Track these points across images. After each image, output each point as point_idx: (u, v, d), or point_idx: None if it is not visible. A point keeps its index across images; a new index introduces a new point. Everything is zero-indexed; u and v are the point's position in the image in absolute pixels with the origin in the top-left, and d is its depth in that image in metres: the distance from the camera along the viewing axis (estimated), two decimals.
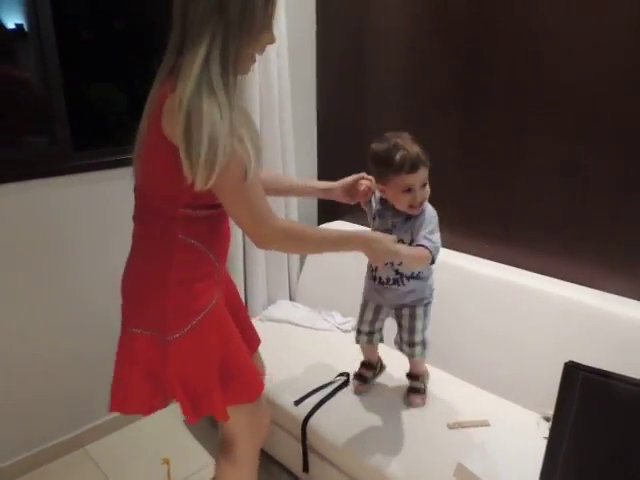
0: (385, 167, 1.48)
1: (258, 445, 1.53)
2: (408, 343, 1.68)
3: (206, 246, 1.28)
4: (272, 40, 1.21)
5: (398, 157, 1.44)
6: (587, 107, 1.74)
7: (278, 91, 2.29)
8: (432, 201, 1.60)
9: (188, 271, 1.27)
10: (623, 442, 1.21)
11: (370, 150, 1.53)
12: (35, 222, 1.91)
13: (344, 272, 2.34)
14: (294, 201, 2.50)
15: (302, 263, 2.61)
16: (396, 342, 1.74)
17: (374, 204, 1.64)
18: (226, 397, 1.32)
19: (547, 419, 1.65)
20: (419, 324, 1.65)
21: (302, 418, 1.74)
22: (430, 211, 1.56)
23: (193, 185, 1.10)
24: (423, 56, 2.15)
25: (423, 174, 1.48)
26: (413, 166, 1.44)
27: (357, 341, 1.80)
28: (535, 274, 1.93)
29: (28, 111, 2.04)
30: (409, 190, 1.48)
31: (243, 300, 2.42)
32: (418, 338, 1.66)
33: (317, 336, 2.24)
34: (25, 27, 1.95)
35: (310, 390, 1.83)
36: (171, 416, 2.30)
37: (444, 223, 1.61)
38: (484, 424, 1.67)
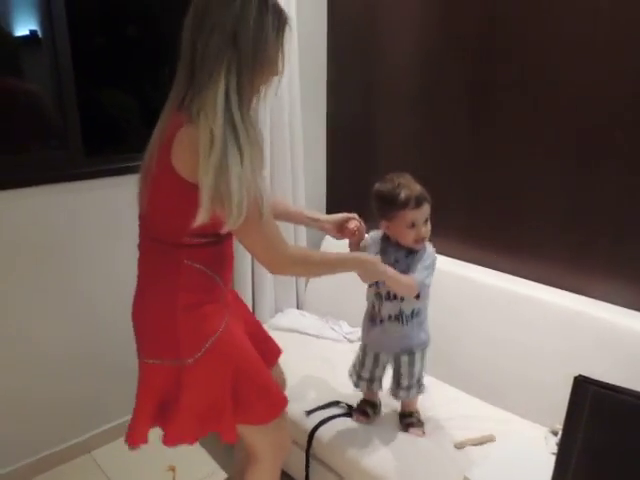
0: (390, 205, 1.54)
1: (279, 463, 1.53)
2: (406, 387, 1.69)
3: (211, 270, 1.29)
4: (277, 72, 1.21)
5: (403, 195, 1.51)
6: (594, 120, 1.74)
7: (288, 113, 2.32)
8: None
9: (195, 294, 1.28)
10: (634, 457, 1.20)
11: (374, 190, 1.59)
12: (46, 227, 1.92)
13: (351, 281, 2.32)
14: (302, 200, 2.51)
15: None
16: (391, 390, 1.74)
17: (371, 246, 1.67)
18: (243, 418, 1.33)
19: (555, 433, 1.64)
20: (417, 367, 1.67)
21: (310, 429, 1.74)
22: (430, 250, 1.60)
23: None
24: (434, 72, 2.16)
25: (426, 210, 1.54)
26: (418, 202, 1.51)
27: (356, 385, 1.80)
28: (542, 285, 1.92)
29: (41, 117, 2.06)
30: (413, 225, 1.54)
31: (251, 309, 2.44)
32: (414, 380, 1.68)
33: (324, 345, 2.24)
34: (39, 33, 1.97)
35: (323, 404, 1.82)
36: None
37: (451, 232, 1.61)
38: (490, 440, 1.66)
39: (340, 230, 1.64)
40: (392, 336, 1.66)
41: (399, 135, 2.33)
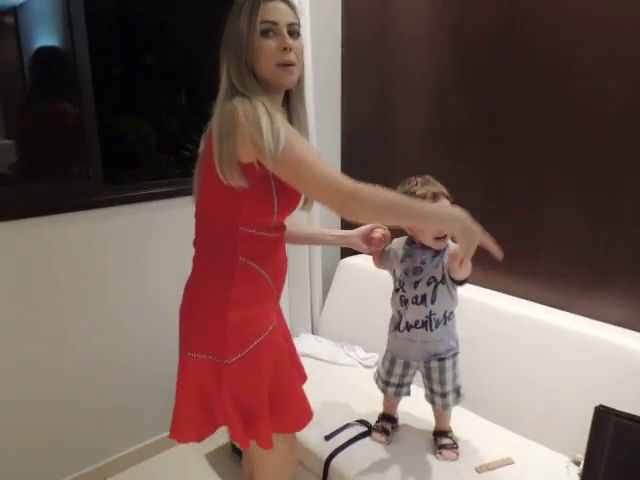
0: None
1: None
2: (440, 394, 1.67)
3: (265, 270, 1.31)
4: (282, 43, 1.22)
5: (420, 191, 1.53)
6: (613, 145, 1.75)
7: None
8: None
9: (248, 293, 1.30)
10: None
11: (396, 190, 1.57)
12: (66, 254, 1.95)
13: (367, 306, 2.34)
14: (316, 219, 2.50)
15: (325, 296, 2.61)
16: (427, 396, 1.73)
17: (395, 252, 1.67)
18: (275, 425, 1.33)
19: (577, 463, 1.61)
20: (449, 375, 1.65)
21: (325, 457, 1.72)
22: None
23: (255, 195, 1.19)
24: (448, 93, 2.18)
25: (444, 205, 1.52)
26: (435, 197, 1.51)
27: (384, 392, 1.79)
28: (563, 312, 1.90)
29: (62, 145, 2.11)
30: None
31: None
32: (449, 387, 1.66)
33: (339, 371, 2.23)
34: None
35: (341, 426, 1.82)
36: (191, 451, 2.31)
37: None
38: (508, 462, 1.64)
39: (367, 241, 1.63)
40: (419, 344, 1.64)
41: (414, 153, 2.35)
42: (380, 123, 2.47)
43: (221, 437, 2.11)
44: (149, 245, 2.15)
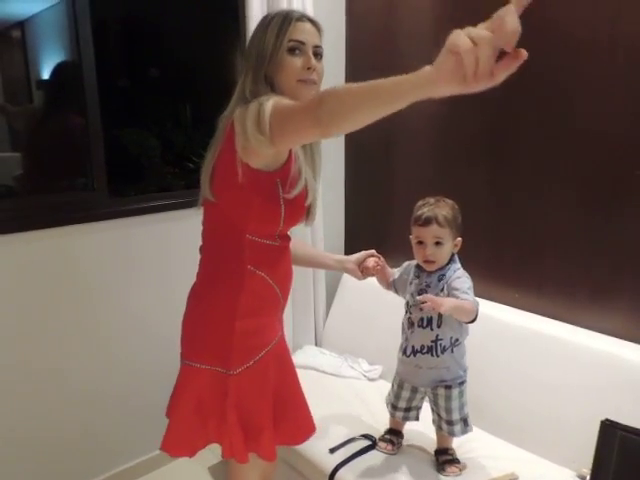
0: (412, 219, 1.61)
1: None
2: (446, 422, 1.67)
3: (272, 279, 1.31)
4: (306, 63, 1.25)
5: (419, 211, 1.58)
6: (617, 160, 1.75)
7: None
8: (463, 250, 1.62)
9: (256, 303, 1.30)
10: None
11: None
12: (70, 266, 1.95)
13: (371, 318, 2.34)
14: (320, 233, 2.51)
15: (328, 308, 2.61)
16: (434, 421, 1.72)
17: (403, 275, 1.70)
18: (278, 437, 1.33)
19: (582, 478, 1.60)
20: (455, 404, 1.64)
21: (330, 471, 1.71)
22: (466, 274, 1.61)
23: (264, 202, 1.21)
24: (453, 110, 2.19)
25: (435, 231, 1.55)
26: (426, 221, 1.55)
27: (392, 416, 1.79)
28: (568, 325, 1.90)
29: (68, 158, 2.12)
30: (422, 243, 1.58)
31: None
32: (455, 417, 1.65)
33: (343, 384, 2.22)
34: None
35: (345, 440, 1.81)
36: (195, 464, 2.29)
37: (472, 270, 1.62)
38: (512, 477, 1.63)
39: (361, 269, 1.65)
40: (425, 370, 1.64)
41: (418, 173, 2.35)
42: (385, 134, 2.48)
43: None
44: (154, 256, 2.15)
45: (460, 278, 1.58)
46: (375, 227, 2.57)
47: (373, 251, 1.67)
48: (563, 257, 1.93)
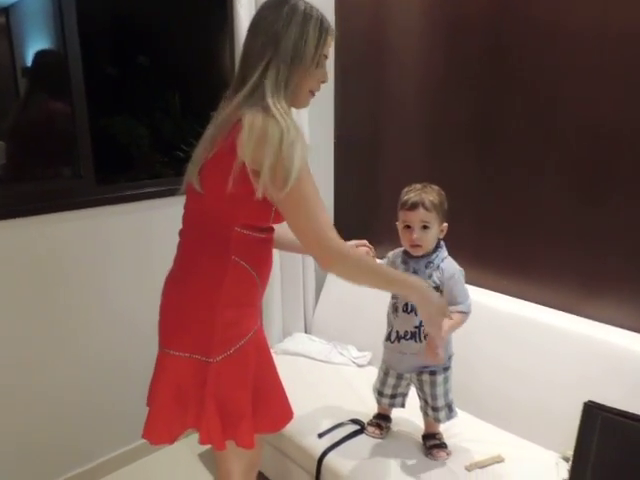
0: (398, 204, 1.62)
1: None
2: (432, 408, 1.69)
3: (254, 270, 1.32)
4: (324, 78, 1.32)
5: (405, 196, 1.60)
6: (606, 148, 1.76)
7: None
8: (451, 236, 1.63)
9: (238, 293, 1.31)
10: None
11: None
12: (57, 254, 1.95)
13: (360, 305, 2.35)
14: None
15: (318, 296, 2.62)
16: (421, 408, 1.74)
17: (392, 261, 1.70)
18: (256, 425, 1.33)
19: (566, 459, 1.62)
20: (440, 390, 1.66)
21: (318, 455, 1.72)
22: (457, 266, 1.62)
23: (256, 202, 1.19)
24: (441, 98, 2.19)
25: (422, 215, 1.56)
26: (413, 205, 1.56)
27: (378, 402, 1.81)
28: (554, 310, 1.92)
29: (55, 146, 2.11)
30: (408, 227, 1.58)
31: None
32: (440, 403, 1.67)
33: (332, 370, 2.23)
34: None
35: (334, 425, 1.82)
36: (184, 451, 2.30)
37: (461, 256, 1.63)
38: (499, 460, 1.66)
39: None
40: (409, 356, 1.65)
41: (407, 160, 2.35)
42: (373, 122, 2.48)
43: None
44: (142, 243, 2.15)
45: (454, 276, 1.58)
46: (364, 217, 2.58)
47: (365, 241, 1.66)
48: (551, 243, 1.94)
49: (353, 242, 1.65)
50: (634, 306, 1.77)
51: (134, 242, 2.14)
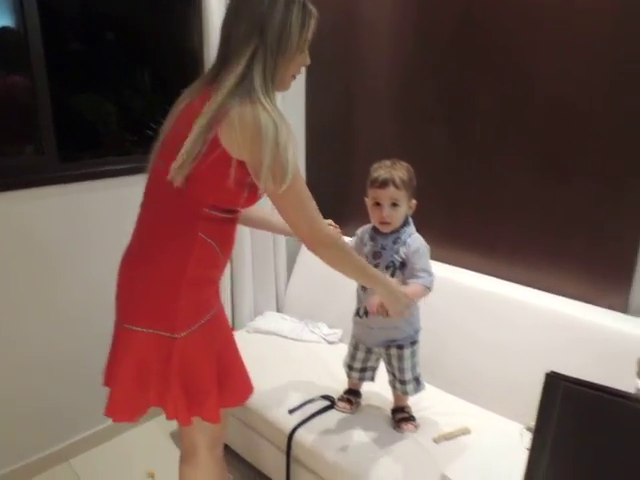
0: (368, 181, 1.61)
1: (218, 454, 1.51)
2: (400, 381, 1.71)
3: (219, 248, 1.31)
4: (306, 61, 1.32)
5: (375, 173, 1.60)
6: (571, 124, 1.77)
7: None
8: (420, 213, 1.64)
9: (203, 270, 1.30)
10: (605, 453, 1.22)
11: None
12: (19, 232, 1.90)
13: (331, 284, 2.34)
14: None
15: (289, 274, 2.61)
16: (390, 382, 1.76)
17: (360, 237, 1.71)
18: (221, 400, 1.34)
19: (530, 430, 1.65)
20: (407, 363, 1.69)
21: (289, 430, 1.74)
22: (423, 242, 1.63)
23: (229, 188, 1.20)
24: (411, 75, 2.18)
25: (392, 193, 1.57)
26: (383, 183, 1.57)
27: (348, 376, 1.83)
28: (520, 286, 1.95)
29: (15, 121, 2.05)
30: (378, 204, 1.59)
31: (230, 312, 2.44)
32: (408, 376, 1.70)
33: (303, 348, 2.24)
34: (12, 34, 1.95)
35: (304, 400, 1.84)
36: (156, 429, 2.30)
37: (430, 234, 1.64)
38: (466, 432, 1.69)
39: None
40: (376, 330, 1.68)
41: (377, 139, 2.35)
42: (343, 101, 2.46)
43: None
44: (112, 220, 2.11)
45: (418, 250, 1.59)
46: (336, 194, 2.57)
47: (330, 220, 1.65)
48: (517, 221, 1.97)
49: None
50: (595, 281, 1.81)
51: (104, 219, 2.10)
